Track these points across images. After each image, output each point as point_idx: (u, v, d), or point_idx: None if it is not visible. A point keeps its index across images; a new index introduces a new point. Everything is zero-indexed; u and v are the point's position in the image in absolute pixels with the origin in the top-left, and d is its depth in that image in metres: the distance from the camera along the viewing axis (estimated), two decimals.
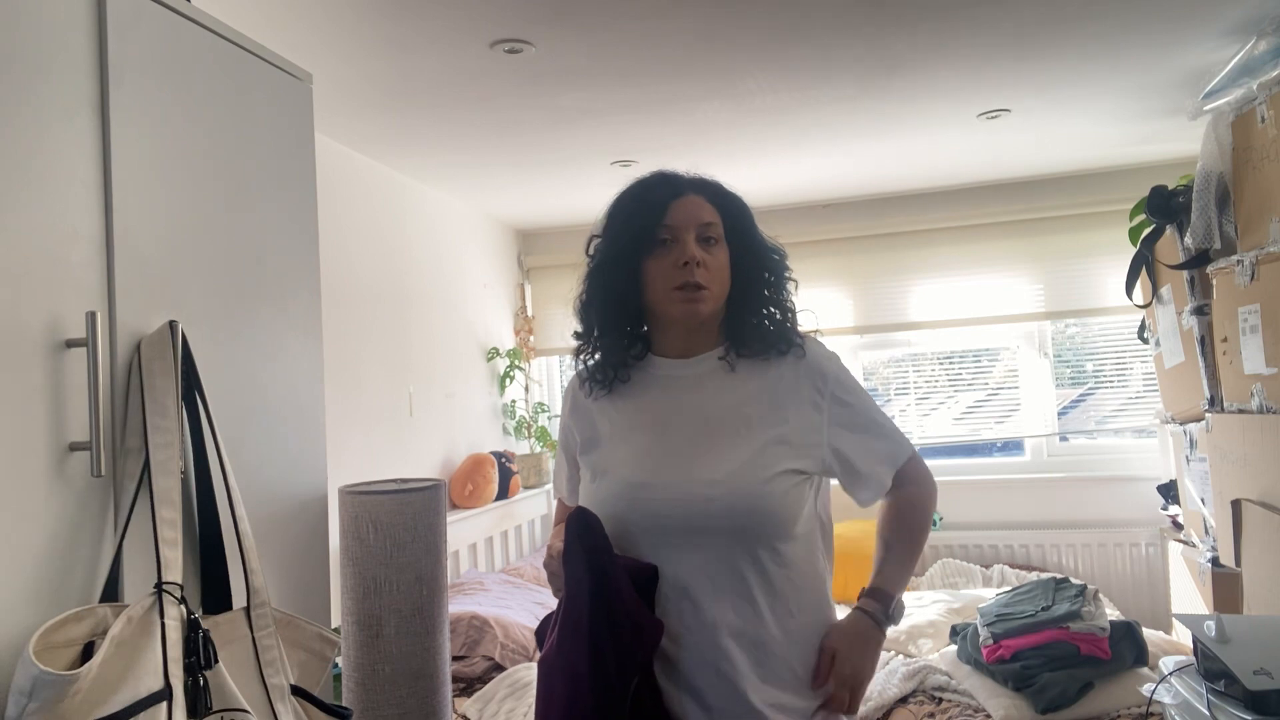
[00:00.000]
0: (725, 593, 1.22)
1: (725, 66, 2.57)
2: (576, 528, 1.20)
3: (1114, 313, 4.11)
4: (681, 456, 1.27)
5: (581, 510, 1.22)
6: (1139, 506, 3.99)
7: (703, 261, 1.27)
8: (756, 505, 1.22)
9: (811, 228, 4.40)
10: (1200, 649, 1.60)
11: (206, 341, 1.24)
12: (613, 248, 1.33)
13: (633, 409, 1.35)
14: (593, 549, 1.19)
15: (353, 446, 3.08)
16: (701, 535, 1.23)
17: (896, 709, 2.54)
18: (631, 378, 1.37)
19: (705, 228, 1.29)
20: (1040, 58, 2.63)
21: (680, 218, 1.28)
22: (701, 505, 1.23)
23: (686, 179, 1.34)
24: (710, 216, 1.30)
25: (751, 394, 1.29)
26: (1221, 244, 2.50)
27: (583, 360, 1.41)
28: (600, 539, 1.20)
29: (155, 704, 0.96)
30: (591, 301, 1.37)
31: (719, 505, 1.22)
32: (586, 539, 1.19)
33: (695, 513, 1.23)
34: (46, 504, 1.00)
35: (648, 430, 1.31)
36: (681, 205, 1.29)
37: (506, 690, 2.58)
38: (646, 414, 1.33)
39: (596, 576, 1.17)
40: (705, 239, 1.29)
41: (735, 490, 1.22)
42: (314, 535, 1.49)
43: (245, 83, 1.38)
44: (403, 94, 2.66)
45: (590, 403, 1.39)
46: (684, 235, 1.28)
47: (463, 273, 4.07)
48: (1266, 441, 2.27)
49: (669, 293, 1.28)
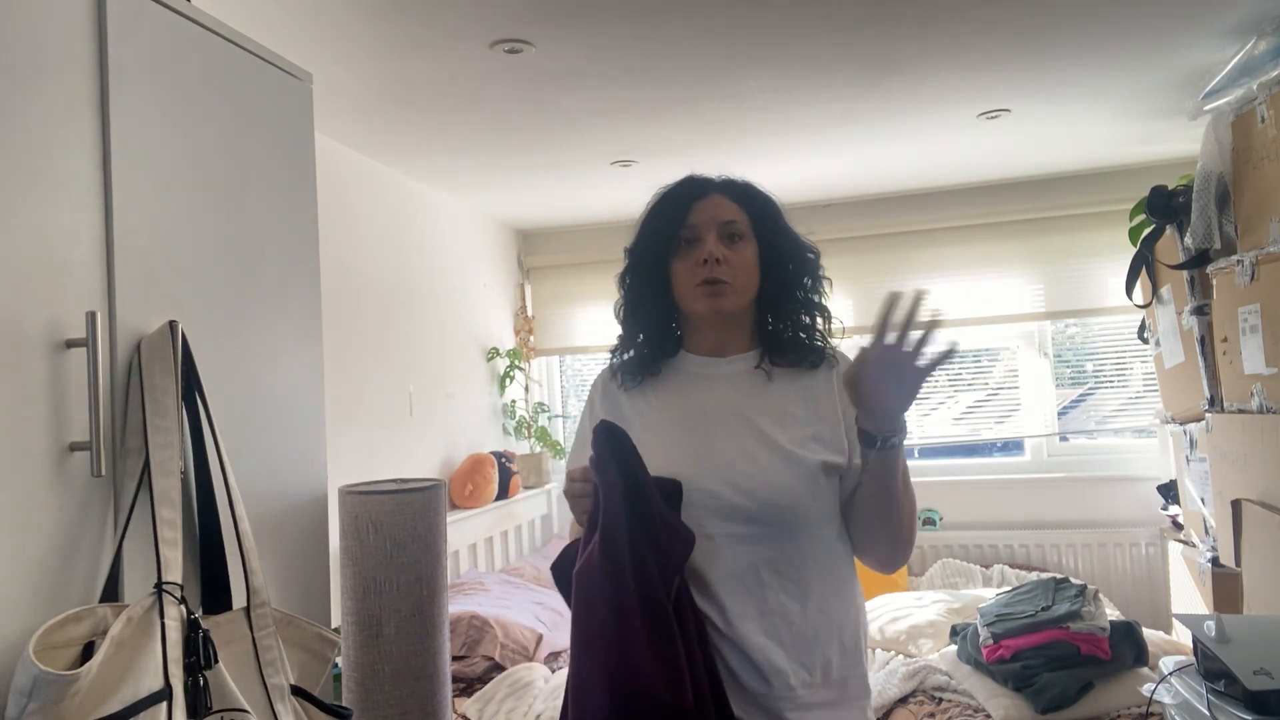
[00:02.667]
0: (755, 582, 1.23)
1: (725, 66, 2.57)
2: (606, 439, 1.19)
3: (1114, 313, 4.11)
4: (715, 450, 1.28)
5: (607, 423, 1.21)
6: (1139, 506, 3.99)
7: (724, 258, 1.30)
8: (790, 499, 1.23)
9: (811, 228, 4.37)
10: (1200, 649, 1.60)
11: (206, 341, 1.24)
12: (642, 250, 1.38)
13: (664, 403, 1.36)
14: (624, 459, 1.17)
15: (353, 446, 3.08)
16: (735, 526, 1.23)
17: (896, 709, 2.54)
18: (663, 373, 1.39)
19: (727, 225, 1.32)
20: (1040, 58, 2.63)
21: (702, 217, 1.33)
22: (735, 498, 1.23)
23: (712, 180, 1.38)
24: (732, 214, 1.33)
25: (785, 393, 1.32)
26: (1221, 244, 2.50)
27: (618, 355, 1.43)
28: (630, 448, 1.19)
29: (155, 704, 0.96)
30: (626, 304, 1.42)
31: (752, 498, 1.23)
32: (617, 449, 1.18)
33: (728, 505, 1.23)
34: (46, 504, 1.00)
35: (680, 424, 1.32)
36: (704, 205, 1.34)
37: (506, 690, 2.58)
38: (679, 408, 1.34)
39: (629, 483, 1.16)
40: (728, 235, 1.32)
41: (770, 484, 1.23)
42: (314, 535, 1.49)
43: (245, 83, 1.38)
44: (402, 94, 2.66)
45: (621, 393, 1.40)
46: (705, 234, 1.31)
47: (463, 273, 4.07)
48: (1266, 441, 2.27)
49: (693, 289, 1.31)
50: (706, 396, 1.34)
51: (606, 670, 1.12)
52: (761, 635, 1.22)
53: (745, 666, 1.22)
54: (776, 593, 1.23)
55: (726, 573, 1.23)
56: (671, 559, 1.16)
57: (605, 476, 1.17)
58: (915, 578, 4.06)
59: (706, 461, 1.27)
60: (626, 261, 1.41)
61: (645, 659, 1.10)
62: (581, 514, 1.23)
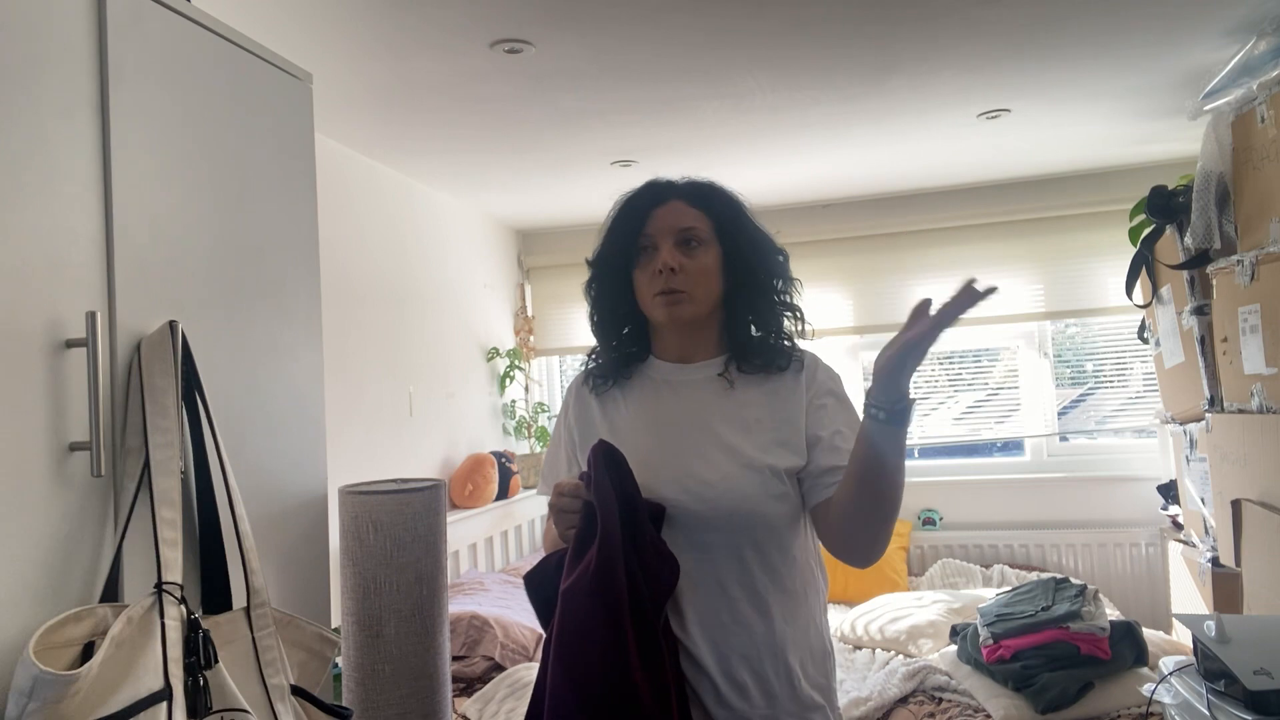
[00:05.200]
0: (718, 594, 1.22)
1: (725, 66, 2.57)
2: (604, 459, 1.18)
3: (1114, 313, 4.11)
4: (680, 458, 1.27)
5: (606, 443, 1.20)
6: (1139, 506, 3.99)
7: (680, 266, 1.28)
8: (751, 507, 1.22)
9: (811, 228, 4.40)
10: (1200, 649, 1.60)
11: (206, 341, 1.24)
12: (604, 260, 1.38)
13: (633, 410, 1.36)
14: (620, 481, 1.17)
15: (353, 446, 3.08)
16: (697, 535, 1.23)
17: (896, 709, 2.54)
18: (633, 378, 1.38)
19: (684, 232, 1.31)
20: (1040, 58, 2.63)
21: (658, 225, 1.31)
22: (697, 507, 1.23)
23: (673, 184, 1.36)
24: (691, 220, 1.31)
25: (750, 400, 1.30)
26: (1221, 244, 2.50)
27: (591, 363, 1.44)
28: (627, 471, 1.19)
29: (155, 704, 0.95)
30: (594, 312, 1.42)
31: (715, 506, 1.22)
32: (614, 471, 1.18)
33: (692, 513, 1.23)
34: (46, 504, 1.00)
35: (647, 432, 1.32)
36: (661, 213, 1.32)
37: (506, 690, 2.58)
38: (646, 416, 1.34)
39: (626, 507, 1.16)
40: (685, 242, 1.30)
41: (731, 491, 1.22)
42: (314, 535, 1.49)
43: (245, 83, 1.38)
44: (402, 94, 2.66)
45: (593, 398, 1.40)
46: (662, 242, 1.30)
47: (463, 273, 4.07)
48: (1266, 441, 2.27)
49: (652, 299, 1.31)
50: (672, 405, 1.33)
51: (589, 692, 1.11)
52: (724, 646, 1.21)
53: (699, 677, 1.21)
54: (739, 603, 1.22)
55: (689, 582, 1.22)
56: (662, 585, 1.16)
57: (603, 498, 1.16)
58: (915, 578, 4.07)
59: (669, 470, 1.26)
60: (591, 271, 1.41)
61: (639, 683, 1.10)
62: (567, 529, 1.20)
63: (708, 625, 1.22)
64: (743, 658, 1.22)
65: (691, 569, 1.22)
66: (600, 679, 1.10)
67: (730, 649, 1.22)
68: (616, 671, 1.10)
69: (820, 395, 1.30)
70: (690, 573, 1.22)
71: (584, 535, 1.18)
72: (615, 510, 1.15)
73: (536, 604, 1.26)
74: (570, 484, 1.21)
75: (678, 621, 1.22)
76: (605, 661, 1.11)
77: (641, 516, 1.18)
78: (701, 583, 1.22)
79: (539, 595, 1.26)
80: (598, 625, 1.12)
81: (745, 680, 1.22)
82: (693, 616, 1.22)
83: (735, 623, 1.22)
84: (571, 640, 1.14)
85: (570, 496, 1.19)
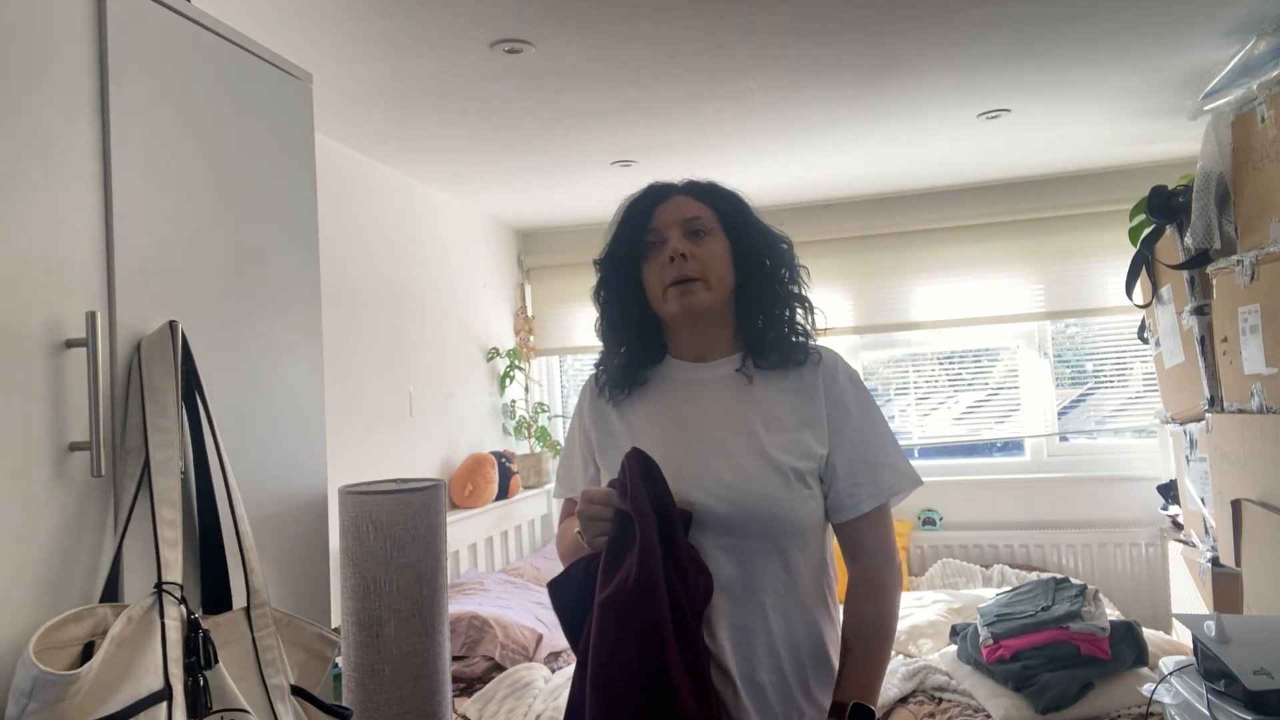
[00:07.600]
0: (743, 596, 1.22)
1: (725, 66, 2.57)
2: (639, 468, 1.17)
3: (1114, 313, 4.11)
4: (698, 458, 1.26)
5: (640, 452, 1.19)
6: (1139, 506, 3.99)
7: (690, 253, 1.28)
8: (775, 509, 1.22)
9: (811, 228, 4.40)
10: (1200, 649, 1.60)
11: (206, 341, 1.24)
12: (611, 261, 1.36)
13: (651, 412, 1.34)
14: (656, 491, 1.16)
15: (353, 446, 3.08)
16: (721, 537, 1.22)
17: (896, 709, 2.54)
18: (649, 380, 1.37)
19: (690, 222, 1.30)
20: (1040, 58, 2.63)
21: (663, 219, 1.31)
22: (721, 507, 1.22)
23: (674, 184, 1.36)
24: (695, 211, 1.31)
25: (770, 397, 1.29)
26: (1221, 244, 2.50)
27: (602, 368, 1.42)
28: (661, 479, 1.17)
29: (155, 704, 0.95)
30: (604, 317, 1.40)
31: (739, 507, 1.22)
32: (649, 481, 1.16)
33: (716, 515, 1.22)
34: (46, 504, 1.00)
35: (665, 432, 1.31)
36: (665, 208, 1.32)
37: (506, 690, 2.58)
38: (664, 417, 1.33)
39: (663, 517, 1.15)
40: (693, 232, 1.30)
41: (754, 492, 1.22)
42: (314, 535, 1.49)
43: (245, 83, 1.38)
44: (402, 94, 2.66)
45: (607, 405, 1.39)
46: (669, 233, 1.30)
47: (463, 273, 4.07)
48: (1266, 441, 2.27)
49: (664, 291, 1.29)
50: (692, 405, 1.31)
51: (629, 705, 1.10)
52: (745, 649, 1.21)
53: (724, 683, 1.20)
54: (763, 606, 1.22)
55: (714, 586, 1.21)
56: (699, 594, 1.16)
57: (640, 508, 1.15)
58: (915, 578, 4.07)
59: (691, 471, 1.25)
60: (598, 275, 1.39)
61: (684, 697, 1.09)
62: (597, 536, 1.19)
63: (733, 629, 1.21)
64: (762, 661, 1.21)
65: (716, 572, 1.21)
66: (642, 690, 1.10)
67: (752, 652, 1.21)
68: (659, 683, 1.09)
69: (843, 397, 1.29)
70: (715, 575, 1.21)
71: (617, 544, 1.16)
72: (653, 521, 1.14)
73: (561, 612, 1.25)
74: (601, 492, 1.20)
75: (705, 628, 1.21)
76: (646, 673, 1.10)
77: (676, 526, 1.16)
78: (726, 585, 1.22)
79: (565, 603, 1.24)
80: (638, 637, 1.11)
81: (764, 682, 1.21)
82: (719, 622, 1.21)
83: (759, 625, 1.22)
84: (613, 652, 1.13)
85: (602, 504, 1.19)
